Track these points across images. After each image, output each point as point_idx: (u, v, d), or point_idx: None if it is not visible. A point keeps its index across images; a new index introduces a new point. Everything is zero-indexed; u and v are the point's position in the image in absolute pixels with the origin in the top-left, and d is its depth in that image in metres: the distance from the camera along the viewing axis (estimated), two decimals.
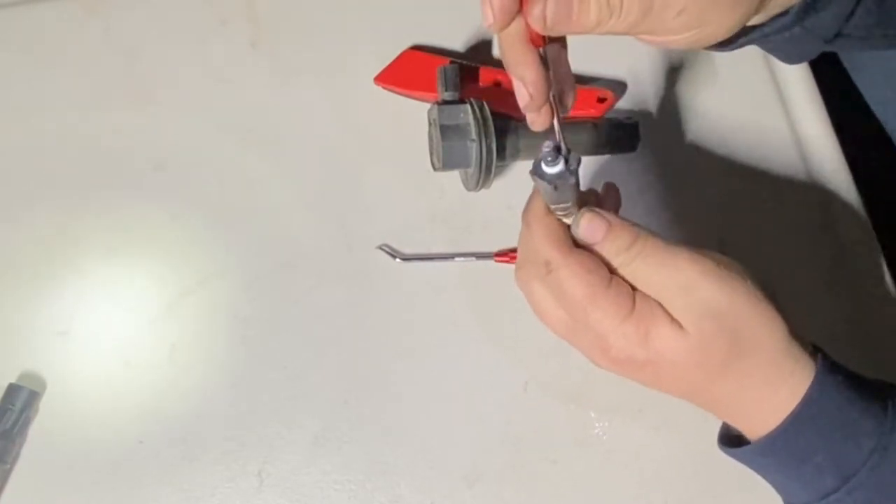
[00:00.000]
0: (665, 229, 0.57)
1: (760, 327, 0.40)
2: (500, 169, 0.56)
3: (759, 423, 0.42)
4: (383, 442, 0.52)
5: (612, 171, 0.59)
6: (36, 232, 0.56)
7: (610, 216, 0.40)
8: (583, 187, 0.56)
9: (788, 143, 0.60)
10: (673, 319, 0.40)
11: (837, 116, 0.61)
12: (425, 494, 0.51)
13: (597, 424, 0.53)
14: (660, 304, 0.40)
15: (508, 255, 0.56)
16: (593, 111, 0.58)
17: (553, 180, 0.38)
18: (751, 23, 0.41)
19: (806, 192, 0.59)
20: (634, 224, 0.41)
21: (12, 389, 0.51)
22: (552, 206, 0.41)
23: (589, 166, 0.59)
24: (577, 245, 0.41)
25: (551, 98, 0.39)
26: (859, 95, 0.80)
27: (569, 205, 0.41)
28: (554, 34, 0.37)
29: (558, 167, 0.38)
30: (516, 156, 0.56)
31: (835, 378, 0.41)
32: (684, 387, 0.42)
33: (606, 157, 0.58)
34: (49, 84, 0.60)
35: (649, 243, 0.40)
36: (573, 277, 0.40)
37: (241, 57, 0.62)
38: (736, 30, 0.39)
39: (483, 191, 0.56)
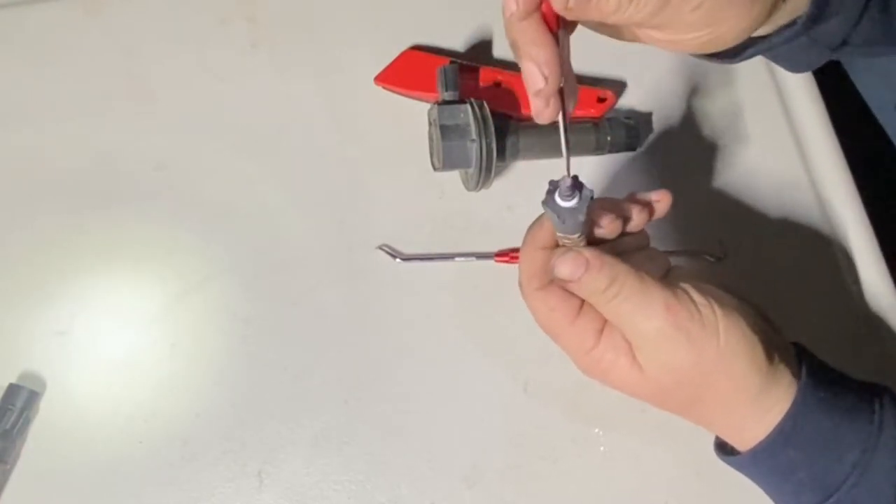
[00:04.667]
0: (665, 229, 0.57)
1: (729, 382, 0.41)
2: (500, 169, 0.56)
3: (741, 441, 0.43)
4: (383, 442, 0.52)
5: (613, 171, 0.59)
6: (36, 232, 0.56)
7: (592, 256, 0.40)
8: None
9: (789, 143, 0.60)
10: (635, 360, 0.41)
11: (837, 117, 0.61)
12: (425, 494, 0.51)
13: (597, 425, 0.53)
14: (628, 343, 0.41)
15: (509, 255, 0.56)
16: (593, 111, 0.58)
17: (563, 214, 0.38)
18: (757, 33, 0.41)
19: (805, 193, 0.59)
20: (618, 262, 0.40)
21: (12, 389, 0.51)
22: (559, 235, 0.41)
23: (589, 166, 0.59)
24: None
25: (559, 90, 0.37)
26: (859, 96, 0.80)
27: (575, 236, 0.40)
28: (572, 18, 0.36)
29: (572, 202, 0.38)
30: (516, 156, 0.56)
31: (816, 396, 0.41)
32: (656, 405, 0.44)
33: (606, 156, 0.58)
34: (49, 84, 0.60)
35: (626, 286, 0.40)
36: (537, 312, 0.43)
37: (240, 57, 0.62)
38: (748, 33, 0.39)
39: (483, 191, 0.56)
